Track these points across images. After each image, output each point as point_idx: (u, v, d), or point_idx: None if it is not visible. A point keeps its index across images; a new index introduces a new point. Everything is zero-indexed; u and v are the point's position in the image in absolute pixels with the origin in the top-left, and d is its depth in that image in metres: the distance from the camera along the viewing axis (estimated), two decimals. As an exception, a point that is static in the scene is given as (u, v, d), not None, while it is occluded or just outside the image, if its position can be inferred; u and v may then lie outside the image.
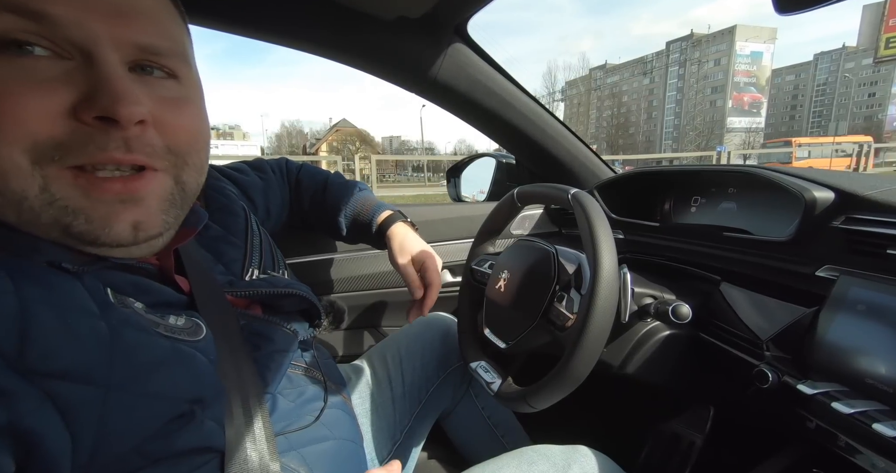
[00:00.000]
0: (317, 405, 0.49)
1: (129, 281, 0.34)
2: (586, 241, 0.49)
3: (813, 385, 0.44)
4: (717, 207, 0.74)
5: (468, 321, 0.71)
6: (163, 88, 0.33)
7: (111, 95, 0.29)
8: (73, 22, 0.28)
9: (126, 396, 0.28)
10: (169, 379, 0.31)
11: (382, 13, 0.71)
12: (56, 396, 0.25)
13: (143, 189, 0.32)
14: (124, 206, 0.31)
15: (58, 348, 0.26)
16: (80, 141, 0.29)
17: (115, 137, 0.30)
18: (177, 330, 0.34)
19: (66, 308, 0.28)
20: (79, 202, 0.30)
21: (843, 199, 0.51)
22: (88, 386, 0.27)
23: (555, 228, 1.05)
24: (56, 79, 0.28)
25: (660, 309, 0.56)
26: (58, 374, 0.26)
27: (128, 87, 0.30)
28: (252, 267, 0.52)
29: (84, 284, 0.30)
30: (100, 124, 0.29)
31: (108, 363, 0.28)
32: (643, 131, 62.00)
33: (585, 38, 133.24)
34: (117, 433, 0.28)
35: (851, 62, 60.68)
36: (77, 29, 0.29)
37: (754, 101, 51.86)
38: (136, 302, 0.34)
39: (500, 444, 0.77)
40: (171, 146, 0.33)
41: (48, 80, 0.28)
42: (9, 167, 0.28)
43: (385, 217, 0.71)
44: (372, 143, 46.33)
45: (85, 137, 0.29)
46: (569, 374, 0.47)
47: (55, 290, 0.28)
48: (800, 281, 0.53)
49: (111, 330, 0.29)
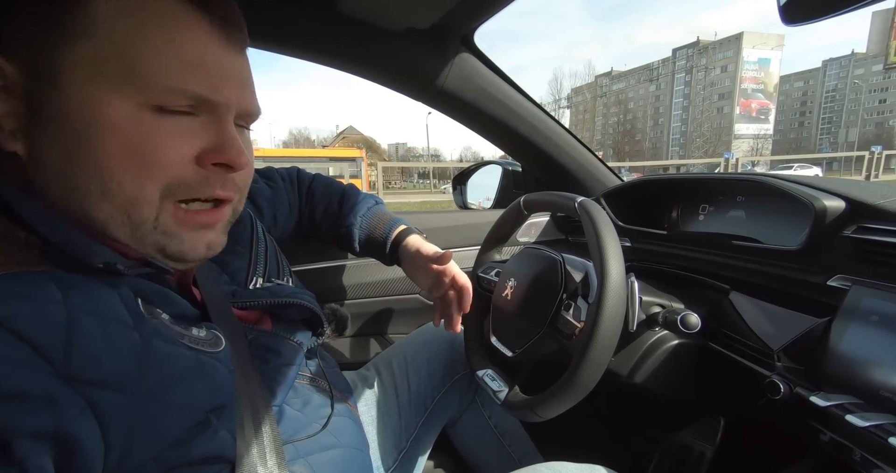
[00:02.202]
0: (323, 413, 0.49)
1: (156, 291, 0.36)
2: (593, 249, 0.49)
3: (826, 397, 0.43)
4: (726, 215, 0.74)
5: (474, 329, 0.71)
6: (245, 138, 0.41)
7: (235, 149, 0.36)
8: (214, 90, 0.35)
9: (153, 405, 0.30)
10: (192, 389, 0.32)
11: (391, 25, 0.72)
12: (94, 403, 0.27)
13: (221, 220, 0.40)
14: (205, 232, 0.38)
15: (99, 356, 0.28)
16: (198, 182, 0.36)
17: (224, 179, 0.37)
18: (200, 341, 0.36)
19: (105, 318, 0.29)
20: (174, 228, 0.36)
21: (853, 208, 0.50)
22: (122, 394, 0.28)
23: (561, 236, 1.04)
24: (192, 132, 0.35)
25: (668, 318, 0.55)
26: (97, 382, 0.27)
27: (240, 142, 0.37)
28: (256, 276, 0.53)
29: (120, 295, 0.32)
30: (217, 170, 0.37)
31: (139, 372, 0.29)
32: (650, 138, 61.83)
33: (591, 45, 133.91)
34: (143, 440, 0.29)
35: (861, 68, 60.18)
36: (216, 95, 0.35)
37: (762, 108, 51.57)
38: (163, 313, 0.35)
39: (507, 453, 0.76)
40: (240, 184, 0.40)
41: (185, 133, 0.35)
42: (145, 199, 0.34)
43: (399, 232, 0.71)
44: (378, 150, 46.68)
45: (202, 179, 0.36)
46: (576, 383, 0.46)
47: (96, 299, 0.30)
48: (811, 291, 0.52)
49: (143, 341, 0.30)
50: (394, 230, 0.71)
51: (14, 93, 0.31)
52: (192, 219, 0.37)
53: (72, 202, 0.32)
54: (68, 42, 0.31)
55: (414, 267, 0.69)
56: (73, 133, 0.31)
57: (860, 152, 14.13)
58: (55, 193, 0.32)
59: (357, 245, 0.73)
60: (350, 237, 0.73)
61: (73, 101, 0.31)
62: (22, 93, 0.31)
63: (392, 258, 0.72)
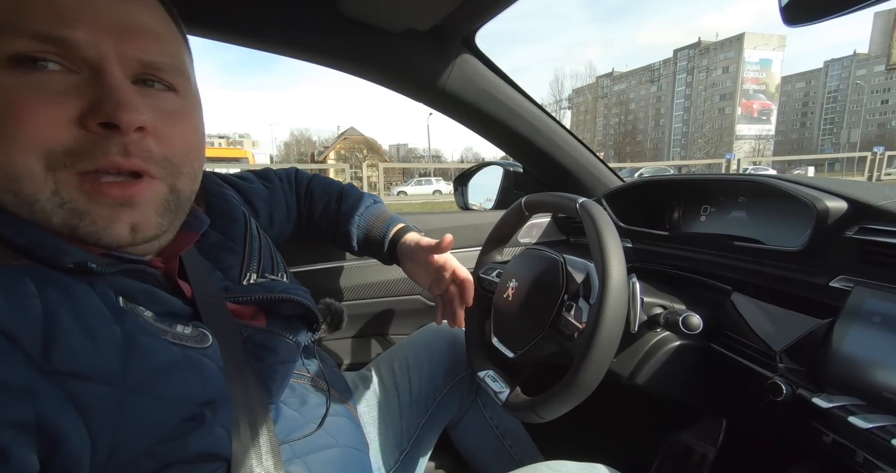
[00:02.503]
0: (319, 412, 0.49)
1: (140, 289, 0.35)
2: (594, 250, 0.49)
3: (829, 398, 0.43)
4: (727, 216, 0.74)
5: (476, 330, 0.71)
6: (162, 101, 0.36)
7: (114, 103, 0.31)
8: (86, 42, 0.31)
9: (140, 398, 0.29)
10: (181, 382, 0.32)
11: (392, 26, 0.73)
12: (76, 395, 0.26)
13: (140, 194, 0.34)
14: (123, 210, 0.34)
15: (78, 349, 0.27)
16: (87, 147, 0.31)
17: (116, 142, 0.32)
18: (184, 337, 0.35)
19: (83, 312, 0.29)
20: (85, 205, 0.32)
21: (856, 209, 0.50)
22: (105, 386, 0.28)
23: (562, 237, 1.04)
24: (66, 91, 0.31)
25: (670, 319, 0.55)
26: (78, 374, 0.27)
27: (129, 96, 0.32)
28: (250, 272, 0.52)
29: (96, 292, 0.31)
30: (103, 131, 0.32)
31: (123, 366, 0.29)
32: (651, 138, 61.75)
33: (592, 46, 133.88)
34: (132, 434, 0.29)
35: (863, 69, 60.03)
36: (90, 48, 0.31)
37: (764, 109, 51.48)
38: (146, 310, 0.35)
39: (509, 455, 0.76)
40: (168, 155, 0.36)
41: (60, 93, 0.31)
42: (24, 172, 0.30)
43: (397, 230, 0.71)
44: (379, 151, 46.70)
45: (91, 144, 0.31)
46: (578, 384, 0.46)
47: (73, 295, 0.29)
48: (813, 292, 0.52)
49: (125, 335, 0.30)
50: (392, 228, 0.71)
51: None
52: (103, 191, 0.32)
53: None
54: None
55: (414, 265, 0.68)
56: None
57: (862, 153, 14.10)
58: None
59: (355, 244, 0.73)
60: (348, 236, 0.72)
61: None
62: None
63: (391, 256, 0.71)
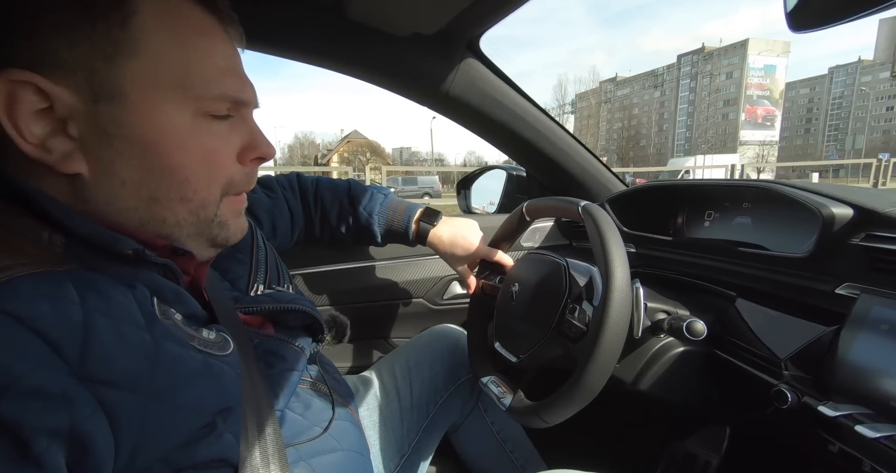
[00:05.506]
0: (324, 416, 0.49)
1: (171, 289, 0.37)
2: (598, 253, 0.49)
3: (835, 406, 0.43)
4: (732, 222, 0.73)
5: (478, 335, 0.71)
6: None
7: (265, 143, 0.40)
8: (243, 91, 0.38)
9: (163, 406, 0.30)
10: (201, 391, 0.33)
11: (397, 30, 0.73)
12: (106, 403, 0.27)
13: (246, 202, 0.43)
14: (241, 217, 0.43)
15: (112, 357, 0.28)
16: (246, 178, 0.40)
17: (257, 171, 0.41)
18: (209, 344, 0.36)
19: (119, 319, 0.30)
20: (228, 219, 0.40)
21: (862, 216, 0.50)
22: (133, 394, 0.28)
23: (565, 241, 1.04)
24: (230, 133, 0.38)
25: (674, 324, 0.55)
26: (109, 382, 0.27)
27: (265, 135, 0.41)
28: (257, 283, 0.53)
29: (135, 295, 0.32)
30: (253, 164, 0.41)
31: (150, 374, 0.29)
32: (654, 143, 61.69)
33: (597, 52, 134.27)
34: (152, 441, 0.29)
35: (868, 76, 59.86)
36: (245, 96, 0.38)
37: (768, 115, 51.36)
38: (177, 313, 0.36)
39: (510, 460, 0.75)
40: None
41: (227, 135, 0.38)
42: (212, 201, 0.38)
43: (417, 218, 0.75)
44: (382, 154, 46.82)
45: (246, 175, 0.40)
46: (582, 387, 0.46)
47: (111, 301, 0.30)
48: (819, 299, 0.52)
49: (155, 343, 0.31)
50: (412, 218, 0.75)
51: (65, 116, 0.31)
52: (238, 207, 0.41)
53: (152, 210, 0.35)
54: (122, 59, 0.32)
55: (454, 260, 0.75)
56: (146, 146, 0.33)
57: (867, 159, 14.02)
58: (129, 205, 0.34)
59: (380, 239, 0.77)
60: (372, 234, 0.77)
61: (140, 115, 0.32)
62: (74, 114, 0.31)
63: (417, 242, 0.76)
